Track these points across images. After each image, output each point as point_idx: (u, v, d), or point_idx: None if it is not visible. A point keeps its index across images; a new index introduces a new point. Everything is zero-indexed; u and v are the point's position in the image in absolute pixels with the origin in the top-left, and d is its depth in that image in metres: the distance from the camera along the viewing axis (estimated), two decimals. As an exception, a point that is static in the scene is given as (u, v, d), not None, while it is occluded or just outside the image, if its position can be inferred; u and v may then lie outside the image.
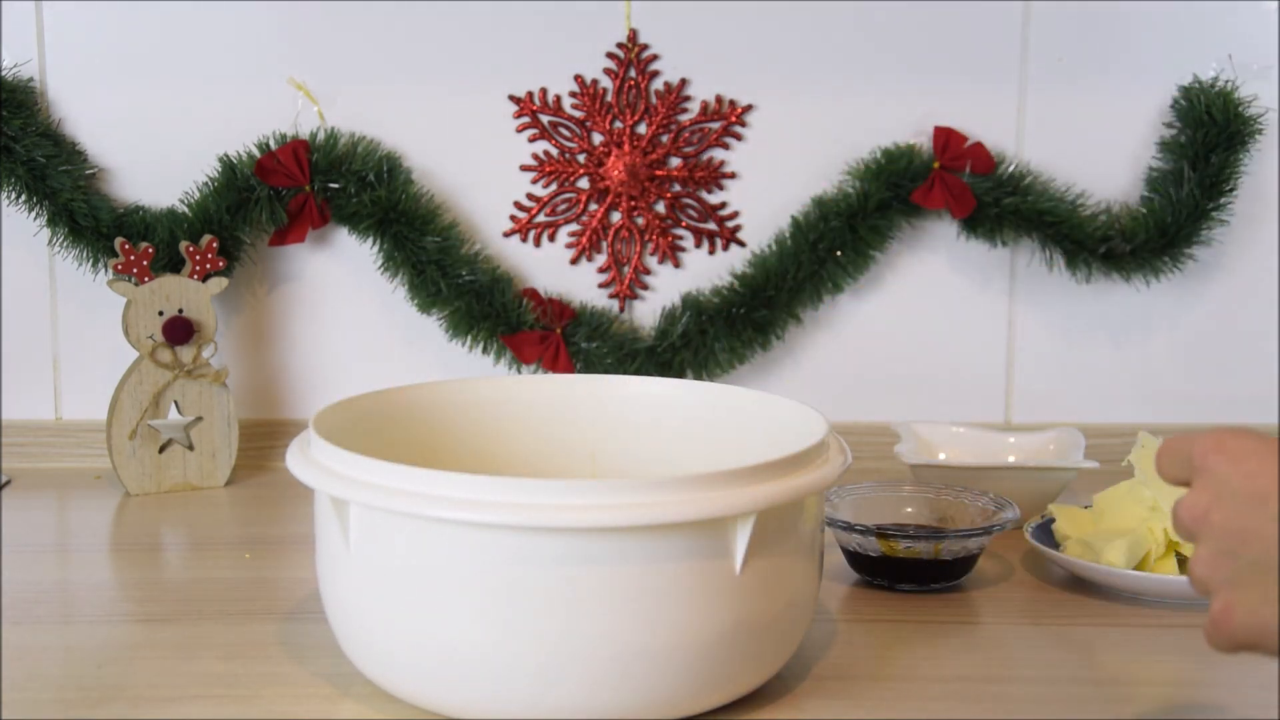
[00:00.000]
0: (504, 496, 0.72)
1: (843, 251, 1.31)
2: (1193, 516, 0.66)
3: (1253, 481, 0.63)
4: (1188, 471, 0.67)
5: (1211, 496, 0.65)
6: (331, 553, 0.79)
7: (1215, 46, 1.32)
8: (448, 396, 0.97)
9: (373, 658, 0.79)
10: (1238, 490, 0.64)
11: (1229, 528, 0.64)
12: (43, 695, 0.82)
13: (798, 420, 0.88)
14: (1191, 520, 0.66)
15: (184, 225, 1.27)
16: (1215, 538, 0.64)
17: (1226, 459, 0.64)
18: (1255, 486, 0.63)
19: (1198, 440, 0.66)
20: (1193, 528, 0.66)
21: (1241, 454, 0.64)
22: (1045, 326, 1.36)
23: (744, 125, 1.33)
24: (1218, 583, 0.65)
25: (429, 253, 1.28)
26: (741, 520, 0.74)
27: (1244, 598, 0.63)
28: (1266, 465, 0.63)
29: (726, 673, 0.77)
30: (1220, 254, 1.34)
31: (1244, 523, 0.63)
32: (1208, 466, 0.65)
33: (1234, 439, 0.65)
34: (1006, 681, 0.85)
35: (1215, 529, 0.64)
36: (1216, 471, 0.65)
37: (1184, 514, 0.66)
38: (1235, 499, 0.64)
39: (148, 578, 1.04)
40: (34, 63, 1.30)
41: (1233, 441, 0.65)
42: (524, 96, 1.32)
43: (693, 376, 1.32)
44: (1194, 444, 0.67)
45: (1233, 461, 0.64)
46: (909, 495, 1.07)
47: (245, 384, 1.34)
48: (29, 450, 1.33)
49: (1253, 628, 0.63)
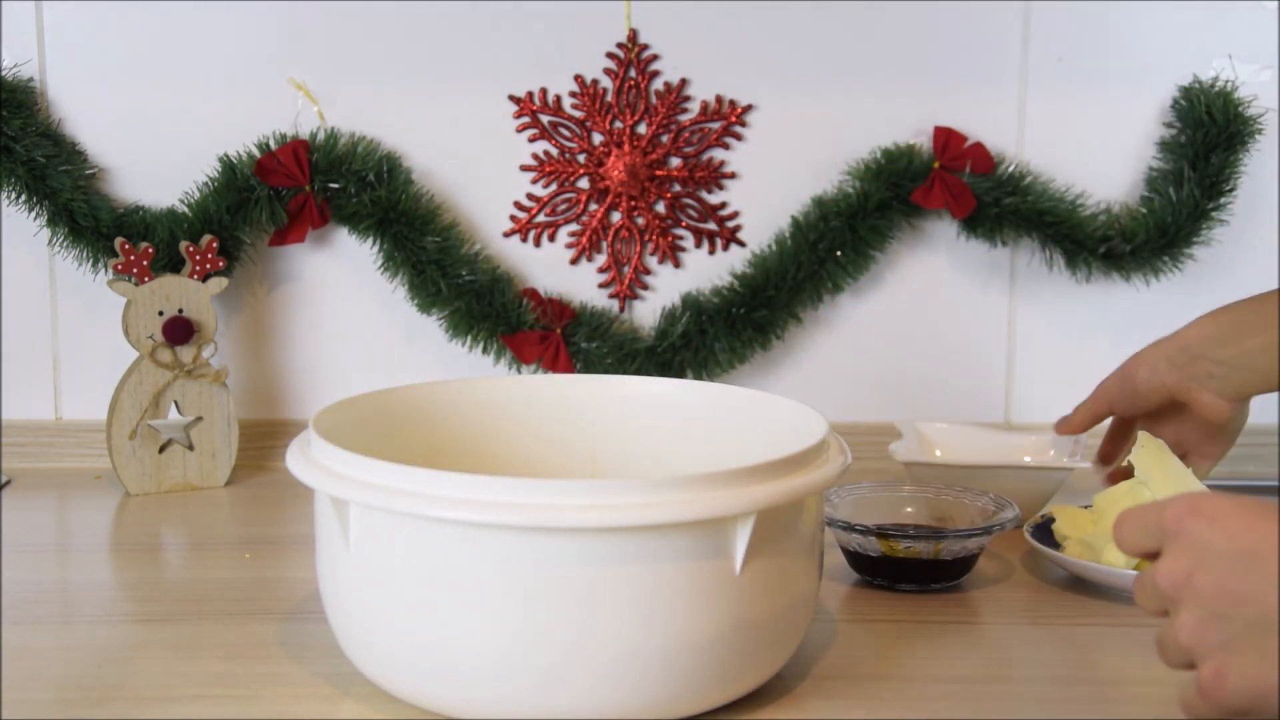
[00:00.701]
0: (504, 496, 0.72)
1: (843, 251, 1.31)
2: (1173, 583, 0.63)
3: (1238, 541, 0.62)
4: (1156, 540, 0.65)
5: (1192, 560, 0.63)
6: (331, 553, 0.79)
7: (1215, 46, 1.32)
8: (448, 396, 0.97)
9: (373, 658, 0.79)
10: (1223, 551, 0.62)
11: (1219, 590, 0.62)
12: (43, 695, 0.82)
13: (798, 420, 0.88)
14: (1173, 586, 0.63)
15: (184, 225, 1.27)
16: (1202, 602, 0.62)
17: (1204, 521, 0.63)
18: (1242, 546, 0.61)
19: (1167, 507, 0.64)
20: (1175, 594, 0.63)
21: (1219, 515, 0.63)
22: (1045, 326, 1.36)
23: (744, 125, 1.33)
24: (1207, 648, 0.63)
25: (429, 253, 1.28)
26: (741, 520, 0.74)
27: (1239, 661, 0.61)
28: (1249, 524, 0.62)
29: (726, 673, 0.77)
30: (1220, 254, 1.34)
31: (1236, 584, 0.61)
32: (1183, 531, 0.63)
33: (1207, 501, 0.63)
34: (1006, 681, 0.85)
35: (1202, 593, 0.62)
36: (1195, 535, 0.63)
37: (1163, 581, 0.64)
38: (1222, 560, 0.62)
39: (148, 578, 1.04)
40: (34, 63, 1.30)
41: (1207, 504, 0.63)
42: (524, 96, 1.32)
43: (693, 376, 1.32)
44: (1163, 511, 0.65)
45: (1212, 523, 0.62)
46: (909, 495, 1.07)
47: (245, 384, 1.34)
48: (29, 450, 1.33)
49: (1249, 691, 0.61)
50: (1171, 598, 0.64)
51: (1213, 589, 0.62)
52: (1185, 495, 0.65)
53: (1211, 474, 1.13)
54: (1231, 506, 0.63)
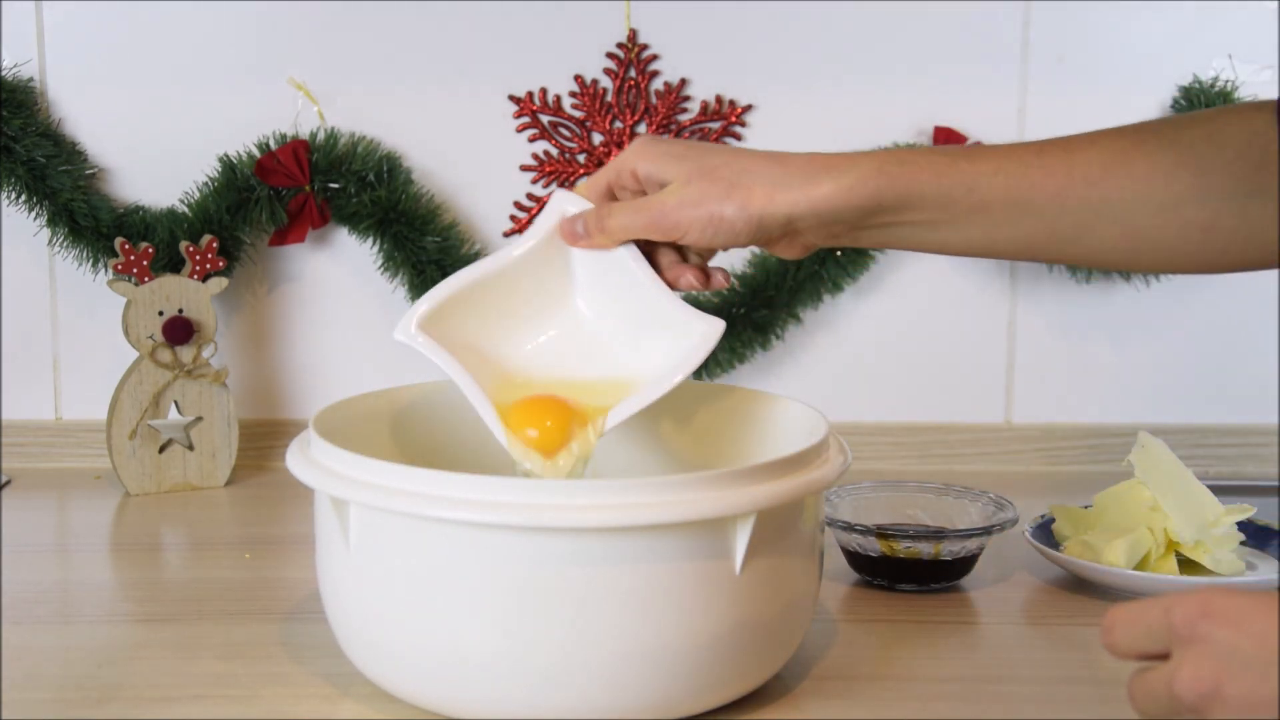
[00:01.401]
0: (504, 496, 0.72)
1: (843, 251, 1.31)
2: (1199, 693, 0.58)
3: (1267, 644, 0.57)
4: (1162, 644, 0.60)
5: (1217, 667, 0.58)
6: (331, 553, 0.79)
7: (1215, 46, 1.32)
8: (448, 396, 0.97)
9: (373, 658, 0.79)
10: (1252, 657, 0.57)
11: (1253, 699, 0.57)
12: (43, 695, 0.82)
13: (798, 420, 0.88)
14: (1198, 698, 0.58)
15: (184, 225, 1.27)
16: (1233, 712, 0.58)
17: (1225, 623, 0.58)
18: (1271, 650, 0.57)
19: (1175, 608, 0.60)
20: (1200, 705, 0.58)
21: (1239, 615, 0.58)
22: (1045, 326, 1.36)
23: (744, 125, 1.33)
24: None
25: (429, 253, 1.28)
26: (741, 520, 0.74)
27: None
28: (1273, 624, 0.57)
29: (726, 673, 0.77)
30: (1220, 254, 1.34)
31: (1270, 690, 0.57)
32: (1200, 635, 0.59)
33: (1221, 600, 0.59)
34: (1006, 681, 0.85)
35: (1234, 703, 0.58)
36: (1216, 639, 0.58)
37: (1186, 691, 0.58)
38: (1251, 667, 0.57)
39: (148, 578, 1.04)
40: (34, 63, 1.30)
41: (1222, 602, 0.59)
42: (524, 96, 1.32)
43: (693, 376, 1.31)
44: (1170, 612, 0.60)
45: (1234, 625, 0.58)
46: (909, 495, 1.07)
47: (245, 384, 1.34)
48: (29, 450, 1.33)
49: None
50: (1199, 709, 0.59)
51: (1247, 699, 0.57)
52: (1191, 594, 0.60)
53: (1211, 474, 1.12)
54: (1248, 605, 0.59)
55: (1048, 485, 1.28)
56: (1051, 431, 1.35)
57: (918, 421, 1.35)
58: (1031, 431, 1.35)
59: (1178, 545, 1.00)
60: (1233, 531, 1.00)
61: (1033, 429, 1.35)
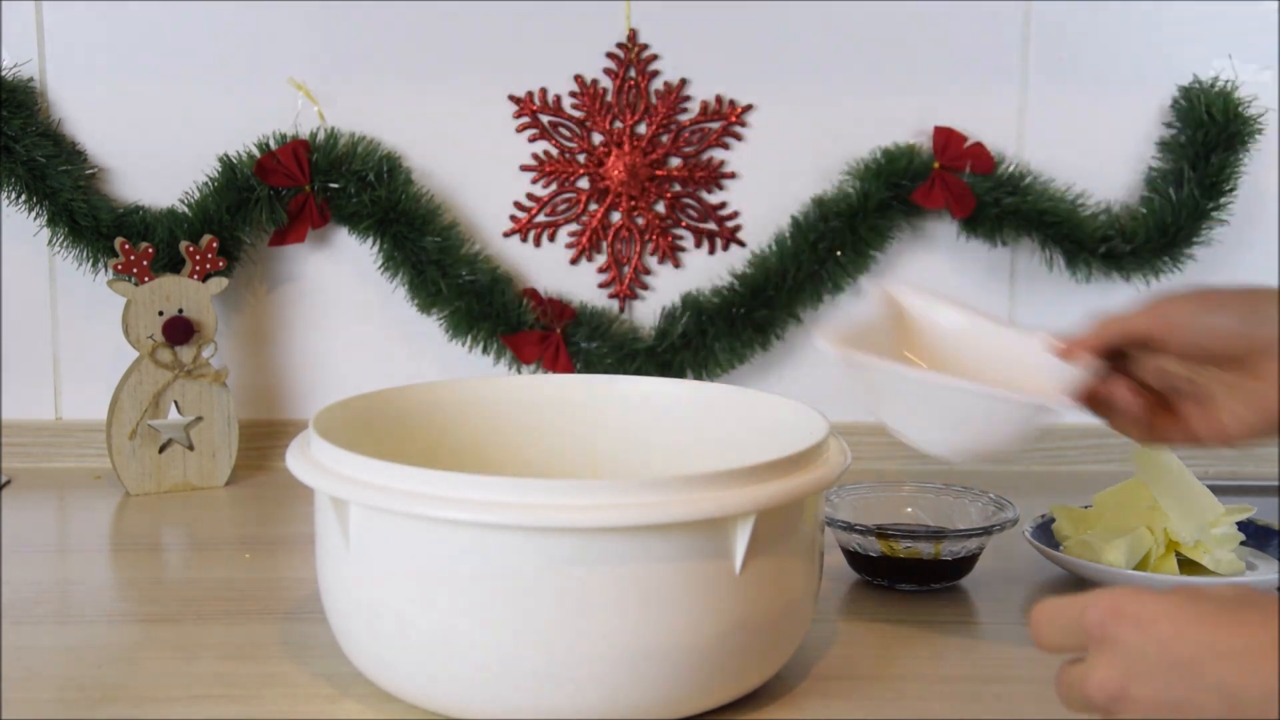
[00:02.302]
0: (504, 496, 0.72)
1: (843, 251, 1.31)
2: (1108, 694, 0.60)
3: (1171, 649, 0.58)
4: (1077, 640, 0.62)
5: (1124, 670, 0.59)
6: (331, 553, 0.79)
7: (1215, 46, 1.32)
8: (448, 396, 0.97)
9: (373, 658, 0.79)
10: (1156, 660, 0.59)
11: (1157, 702, 0.59)
12: (43, 695, 0.82)
13: (798, 420, 0.88)
14: (1107, 699, 0.60)
15: (184, 225, 1.27)
16: (1140, 713, 0.59)
17: (1132, 626, 0.59)
18: (1176, 654, 0.58)
19: (1088, 608, 0.61)
20: (1109, 706, 0.60)
21: (1146, 618, 0.59)
22: (1045, 326, 1.36)
23: (744, 125, 1.33)
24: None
25: (429, 253, 1.28)
26: (741, 520, 0.74)
27: None
28: (1180, 630, 0.59)
29: (726, 673, 0.77)
30: (1220, 254, 1.34)
31: (1175, 695, 0.58)
32: (1110, 636, 0.60)
33: (1132, 602, 0.60)
34: (1006, 681, 0.85)
35: (1140, 705, 0.59)
36: (1124, 641, 0.60)
37: (1096, 692, 0.60)
38: (1156, 671, 0.59)
39: (148, 578, 1.04)
40: (34, 63, 1.30)
41: (1133, 605, 0.60)
42: (524, 96, 1.32)
43: (693, 376, 1.32)
44: (1084, 612, 0.61)
45: (1141, 629, 0.59)
46: (909, 495, 1.07)
47: (245, 384, 1.34)
48: (29, 450, 1.33)
49: None
50: (1107, 709, 0.61)
51: (1151, 701, 0.59)
52: (1105, 595, 0.61)
53: (1211, 474, 1.12)
54: (1158, 609, 0.60)
55: (1048, 485, 1.28)
56: (1051, 431, 1.35)
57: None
58: (1031, 431, 1.35)
59: (1178, 545, 1.00)
60: (1233, 531, 1.00)
61: (1033, 429, 1.35)
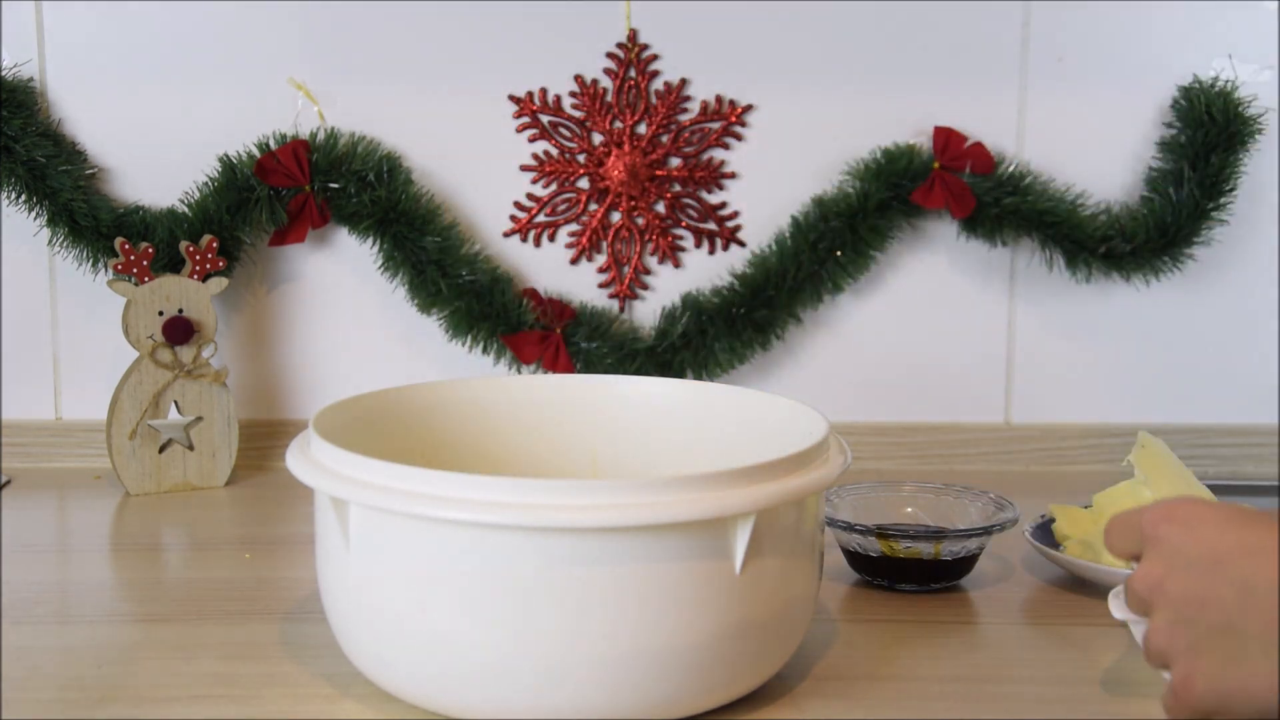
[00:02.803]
0: (504, 496, 0.72)
1: (843, 251, 1.31)
2: (1147, 587, 0.65)
3: (1206, 546, 0.63)
4: (1138, 544, 0.67)
5: (1165, 566, 0.64)
6: (331, 553, 0.79)
7: (1215, 46, 1.32)
8: (448, 396, 0.97)
9: (373, 658, 0.79)
10: (1192, 557, 0.63)
11: (1185, 595, 0.63)
12: (43, 695, 0.82)
13: (798, 420, 0.88)
14: (1146, 591, 0.65)
15: (184, 225, 1.27)
16: (1171, 607, 0.64)
17: (1178, 527, 0.64)
18: (1208, 551, 0.62)
19: (1146, 512, 0.66)
20: (1148, 598, 0.65)
21: (1193, 520, 0.64)
22: (1045, 326, 1.36)
23: (744, 125, 1.33)
24: (1177, 652, 0.64)
25: (429, 253, 1.28)
26: (741, 520, 0.74)
27: (1205, 665, 0.63)
28: (1220, 530, 0.63)
29: (726, 673, 0.77)
30: (1220, 254, 1.34)
31: (1200, 589, 0.63)
32: (1158, 536, 0.65)
33: (1183, 507, 0.65)
34: (1006, 681, 0.85)
35: (1171, 598, 0.64)
36: (1169, 540, 0.64)
37: (1138, 586, 0.66)
38: (1190, 566, 0.63)
39: (148, 578, 1.04)
40: (34, 63, 1.30)
41: (1182, 510, 0.65)
42: (524, 96, 1.32)
43: (693, 376, 1.32)
44: (1143, 515, 0.66)
45: (1185, 529, 0.64)
46: (909, 495, 1.07)
47: (245, 384, 1.34)
48: (29, 450, 1.33)
49: (1215, 695, 0.63)
50: (1147, 601, 0.65)
51: (1180, 594, 0.63)
52: (1166, 501, 0.66)
53: (1211, 474, 1.13)
54: (1207, 512, 0.64)
55: (1048, 485, 1.28)
56: (1051, 431, 1.35)
57: (917, 421, 1.35)
58: (1031, 431, 1.35)
59: (1178, 545, 1.00)
60: (1233, 531, 1.00)
61: (1032, 429, 1.35)
